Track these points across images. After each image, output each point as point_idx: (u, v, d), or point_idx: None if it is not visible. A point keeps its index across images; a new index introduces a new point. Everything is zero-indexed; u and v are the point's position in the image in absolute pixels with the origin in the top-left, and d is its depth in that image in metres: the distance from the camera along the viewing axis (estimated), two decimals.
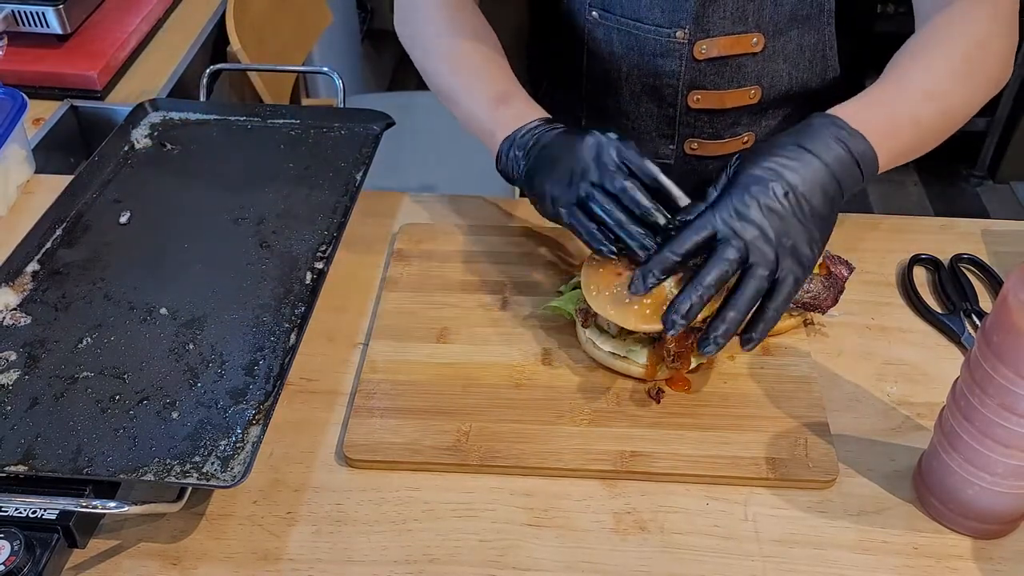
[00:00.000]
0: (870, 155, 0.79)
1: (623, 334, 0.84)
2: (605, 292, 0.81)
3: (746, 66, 1.00)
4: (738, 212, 0.75)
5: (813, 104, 1.04)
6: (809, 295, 0.87)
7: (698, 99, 1.02)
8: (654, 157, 1.09)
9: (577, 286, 0.88)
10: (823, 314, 0.90)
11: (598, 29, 1.02)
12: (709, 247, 0.75)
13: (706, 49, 0.98)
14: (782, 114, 1.07)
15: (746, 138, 1.07)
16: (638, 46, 1.01)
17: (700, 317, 0.76)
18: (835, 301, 0.88)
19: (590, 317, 0.86)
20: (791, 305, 0.87)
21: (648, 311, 0.79)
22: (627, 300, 0.80)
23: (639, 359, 0.84)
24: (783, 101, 1.05)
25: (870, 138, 0.79)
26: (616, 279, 0.81)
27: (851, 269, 0.90)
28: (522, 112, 0.90)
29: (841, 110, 0.81)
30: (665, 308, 0.77)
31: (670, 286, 0.79)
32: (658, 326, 0.79)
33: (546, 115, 0.91)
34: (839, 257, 0.90)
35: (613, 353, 0.85)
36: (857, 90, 1.01)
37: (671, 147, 1.08)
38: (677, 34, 0.97)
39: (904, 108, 0.84)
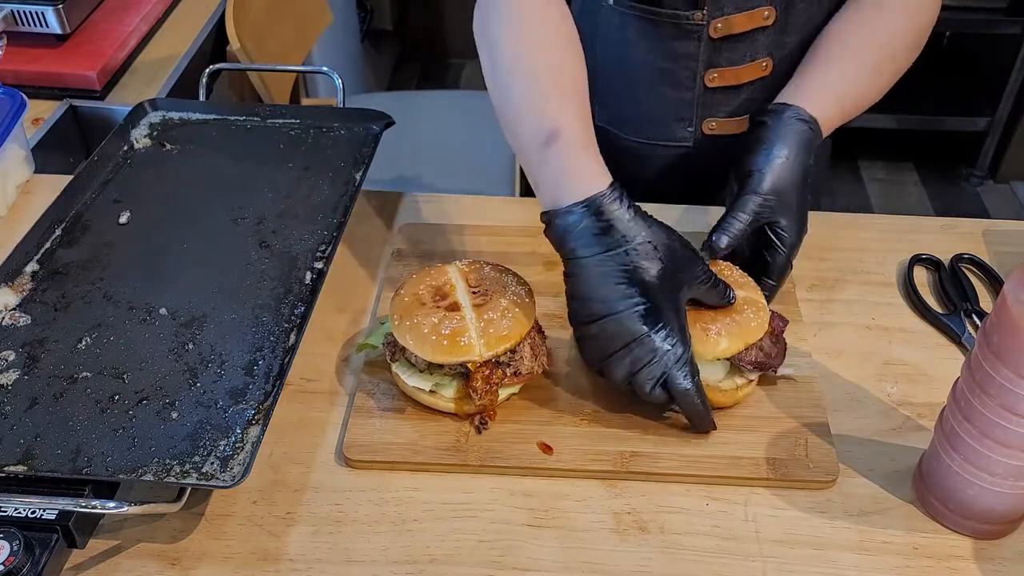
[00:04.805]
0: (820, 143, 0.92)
1: (431, 368, 0.82)
2: (407, 322, 0.80)
3: (758, 40, 1.02)
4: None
5: None
6: (763, 353, 0.83)
7: (714, 77, 1.04)
8: (672, 141, 1.10)
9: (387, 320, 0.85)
10: (775, 372, 0.85)
11: (613, 16, 1.03)
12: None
13: (721, 27, 0.99)
14: None
15: None
16: (654, 31, 1.02)
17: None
18: (783, 356, 0.85)
19: (398, 351, 0.83)
20: (747, 368, 0.83)
21: (445, 342, 0.78)
22: (425, 331, 0.79)
23: (447, 393, 0.82)
24: (793, 71, 1.05)
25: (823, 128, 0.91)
26: (419, 309, 0.81)
27: (785, 321, 0.87)
28: (565, 168, 0.79)
29: (804, 101, 0.91)
30: (462, 341, 0.78)
31: (471, 319, 0.79)
32: (452, 358, 0.79)
33: (590, 190, 0.77)
34: (774, 312, 0.86)
35: (418, 388, 0.82)
36: None
37: (689, 130, 1.09)
38: (695, 15, 0.99)
39: (838, 104, 0.94)
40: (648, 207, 0.81)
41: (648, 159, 1.14)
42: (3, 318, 0.87)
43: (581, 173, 0.78)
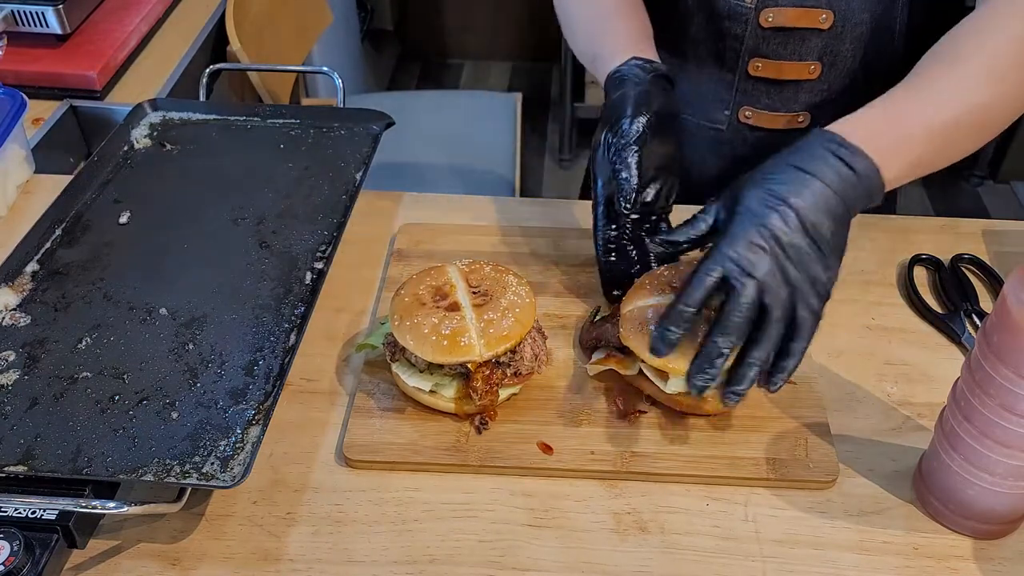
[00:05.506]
0: (873, 171, 0.74)
1: (431, 368, 0.82)
2: (407, 322, 0.80)
3: (810, 40, 1.01)
4: (747, 247, 0.71)
5: (872, 85, 0.91)
6: None
7: (758, 67, 1.04)
8: (708, 121, 1.12)
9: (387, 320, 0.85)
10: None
11: None
12: (722, 288, 0.72)
13: (772, 18, 0.99)
14: (841, 94, 1.06)
15: (801, 117, 1.07)
16: (708, 6, 1.03)
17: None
18: None
19: (398, 351, 0.83)
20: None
21: (445, 342, 0.78)
22: (425, 331, 0.79)
23: (447, 393, 0.82)
24: (843, 80, 1.05)
25: (874, 153, 0.74)
26: (419, 309, 0.81)
27: None
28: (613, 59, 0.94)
29: (841, 125, 0.76)
30: (462, 341, 0.78)
31: (471, 319, 0.79)
32: (452, 358, 0.78)
33: (622, 62, 0.93)
34: None
35: (418, 388, 0.82)
36: None
37: (725, 112, 1.10)
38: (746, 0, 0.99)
39: (916, 118, 0.78)
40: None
41: (685, 138, 1.14)
42: (3, 318, 0.87)
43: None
